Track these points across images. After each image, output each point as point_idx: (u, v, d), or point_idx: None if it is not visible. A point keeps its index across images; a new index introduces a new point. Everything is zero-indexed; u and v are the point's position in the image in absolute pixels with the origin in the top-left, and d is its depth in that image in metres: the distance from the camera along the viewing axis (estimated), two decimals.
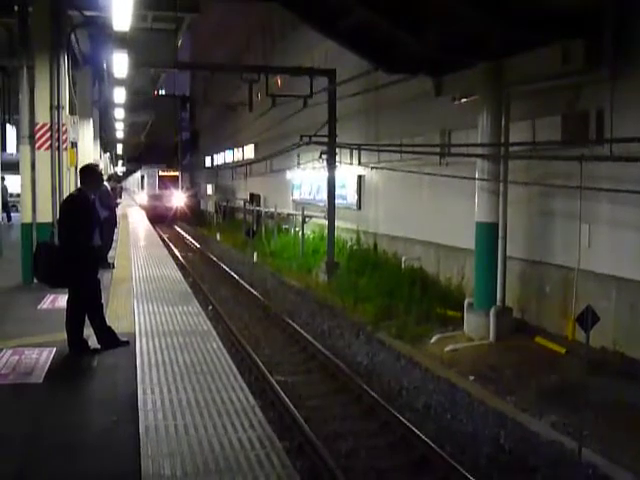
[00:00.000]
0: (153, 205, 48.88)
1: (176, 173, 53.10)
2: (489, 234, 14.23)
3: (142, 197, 53.03)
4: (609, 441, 9.10)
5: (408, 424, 9.51)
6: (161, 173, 52.00)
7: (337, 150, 22.66)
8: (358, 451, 9.03)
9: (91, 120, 24.83)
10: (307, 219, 26.85)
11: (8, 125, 22.96)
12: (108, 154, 52.35)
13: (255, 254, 26.84)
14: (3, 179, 24.47)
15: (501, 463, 8.71)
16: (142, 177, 54.03)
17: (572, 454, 8.70)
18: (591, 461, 8.51)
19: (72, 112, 15.91)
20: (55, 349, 8.05)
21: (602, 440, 9.12)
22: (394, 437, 9.52)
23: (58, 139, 13.12)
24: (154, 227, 32.83)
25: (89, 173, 8.46)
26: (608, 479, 8.17)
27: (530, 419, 10.09)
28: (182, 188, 51.79)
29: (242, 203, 41.03)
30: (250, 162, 40.46)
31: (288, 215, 31.52)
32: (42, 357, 7.78)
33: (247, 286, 20.92)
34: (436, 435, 9.48)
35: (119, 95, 27.71)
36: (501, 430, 9.64)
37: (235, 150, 47.71)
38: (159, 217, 45.36)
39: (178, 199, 49.68)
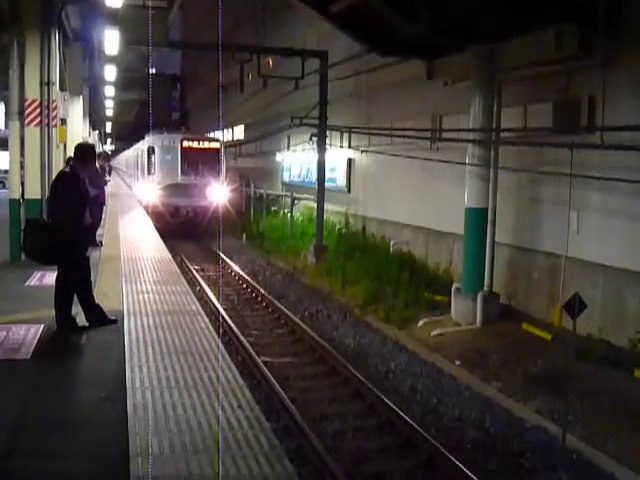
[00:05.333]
0: (173, 204, 27.06)
1: (215, 144, 29.72)
2: (478, 220, 14.27)
3: (150, 189, 27.90)
4: (593, 427, 9.19)
5: (394, 407, 9.56)
6: (187, 143, 28.38)
7: (328, 133, 22.62)
8: (344, 433, 9.08)
9: (81, 97, 24.62)
10: (296, 201, 26.81)
11: None
12: (97, 132, 51.90)
13: (244, 235, 26.78)
14: None
15: (486, 447, 8.77)
16: (149, 152, 28.75)
17: (556, 439, 8.78)
18: (575, 446, 8.60)
19: (62, 89, 15.77)
20: (43, 326, 8.02)
21: (586, 426, 9.21)
22: (380, 420, 9.58)
23: (48, 116, 13.01)
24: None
25: (86, 152, 8.40)
26: (591, 464, 8.25)
27: (515, 404, 10.17)
28: (225, 175, 29.21)
29: None
30: (240, 143, 40.31)
31: (277, 197, 31.45)
32: (30, 334, 7.75)
33: (236, 267, 20.90)
34: (422, 418, 9.55)
35: (110, 73, 27.51)
36: (486, 415, 9.71)
37: (225, 131, 47.53)
38: (183, 227, 27.08)
39: (218, 193, 27.40)
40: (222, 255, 23.15)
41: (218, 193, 27.26)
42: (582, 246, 12.82)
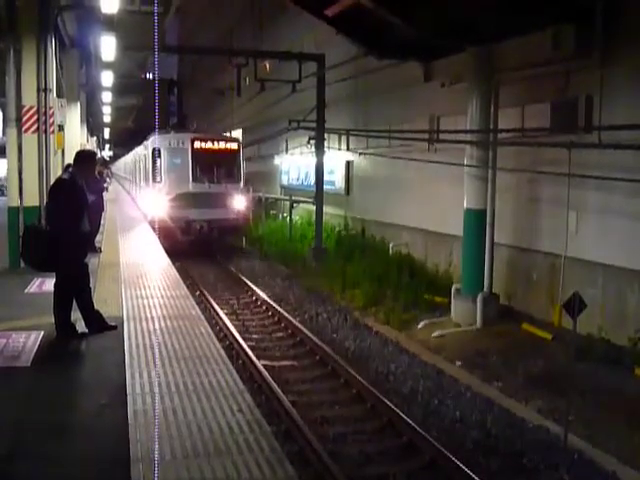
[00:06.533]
0: (183, 218, 23.00)
1: (233, 144, 25.43)
2: (477, 221, 14.26)
3: (156, 200, 23.37)
4: (594, 426, 9.18)
5: (395, 409, 9.55)
6: (199, 144, 24.11)
7: (326, 135, 22.61)
8: (345, 435, 9.07)
9: (78, 103, 24.64)
10: (295, 204, 26.78)
11: None
12: (95, 138, 51.88)
13: (244, 239, 26.76)
14: None
15: (487, 448, 8.76)
16: (154, 155, 23.81)
17: (558, 439, 8.76)
18: (576, 446, 8.58)
19: (59, 95, 15.80)
20: (43, 333, 8.02)
21: (587, 425, 9.19)
22: (381, 422, 9.56)
23: (45, 122, 13.04)
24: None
25: (86, 159, 8.41)
26: (593, 464, 8.24)
27: (516, 405, 10.16)
28: (243, 180, 25.79)
29: None
30: None
31: (276, 200, 31.43)
32: (30, 341, 7.75)
33: (235, 271, 20.88)
34: (423, 420, 9.54)
35: (106, 78, 27.54)
36: (488, 415, 9.70)
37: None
38: (196, 244, 23.52)
39: (239, 202, 24.42)
40: (221, 259, 23.13)
41: (237, 203, 24.06)
42: (581, 245, 12.82)
